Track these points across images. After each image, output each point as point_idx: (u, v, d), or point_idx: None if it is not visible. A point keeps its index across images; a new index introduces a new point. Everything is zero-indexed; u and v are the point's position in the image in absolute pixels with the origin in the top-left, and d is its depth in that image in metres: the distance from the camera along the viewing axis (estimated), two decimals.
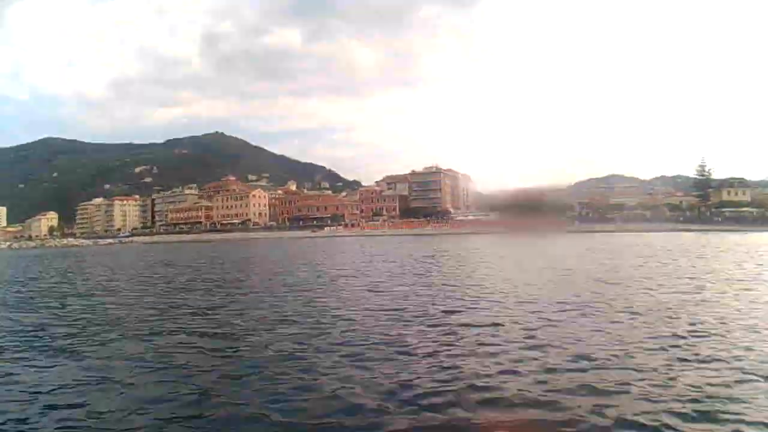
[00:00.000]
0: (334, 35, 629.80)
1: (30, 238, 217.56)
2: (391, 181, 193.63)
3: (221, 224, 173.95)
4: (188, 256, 54.19)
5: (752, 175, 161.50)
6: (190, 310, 15.70)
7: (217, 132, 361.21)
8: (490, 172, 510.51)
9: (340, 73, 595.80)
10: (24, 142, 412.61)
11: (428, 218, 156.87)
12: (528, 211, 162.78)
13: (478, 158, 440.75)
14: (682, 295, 15.89)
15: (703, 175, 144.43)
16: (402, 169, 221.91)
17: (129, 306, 16.85)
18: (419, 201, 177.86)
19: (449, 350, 9.93)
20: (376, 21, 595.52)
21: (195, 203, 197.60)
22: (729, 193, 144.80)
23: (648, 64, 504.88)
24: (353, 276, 24.92)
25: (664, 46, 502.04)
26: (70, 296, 20.31)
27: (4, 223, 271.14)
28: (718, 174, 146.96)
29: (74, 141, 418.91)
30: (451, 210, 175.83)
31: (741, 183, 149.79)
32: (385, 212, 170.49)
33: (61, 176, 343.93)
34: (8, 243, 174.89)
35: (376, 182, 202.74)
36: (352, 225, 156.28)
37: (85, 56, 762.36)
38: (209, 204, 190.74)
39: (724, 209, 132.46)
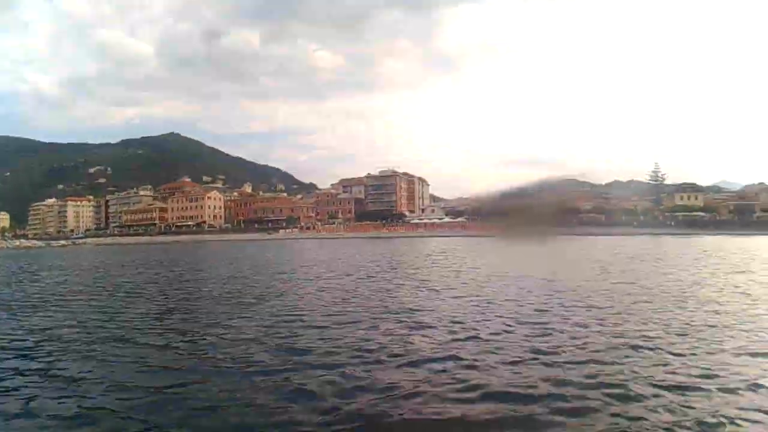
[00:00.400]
0: (293, 38, 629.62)
1: None
2: (347, 184, 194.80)
3: (176, 226, 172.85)
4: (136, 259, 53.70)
5: (704, 181, 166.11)
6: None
7: (173, 133, 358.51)
8: (447, 175, 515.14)
9: (299, 76, 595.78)
10: None
11: (384, 221, 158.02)
12: (488, 215, 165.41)
13: (435, 162, 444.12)
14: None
15: (656, 181, 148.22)
16: (358, 172, 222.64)
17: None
18: (375, 204, 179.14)
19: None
20: (336, 25, 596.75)
21: (149, 204, 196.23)
22: (682, 198, 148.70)
23: (605, 69, 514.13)
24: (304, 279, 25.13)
25: (619, 50, 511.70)
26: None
27: None
28: (671, 179, 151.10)
29: (28, 140, 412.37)
30: (407, 213, 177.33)
31: (693, 188, 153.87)
32: (340, 215, 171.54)
33: (13, 175, 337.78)
34: None
35: (332, 185, 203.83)
36: (308, 228, 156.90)
37: (42, 54, 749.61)
38: (164, 205, 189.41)
39: (677, 213, 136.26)
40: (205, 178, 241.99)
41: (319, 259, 42.36)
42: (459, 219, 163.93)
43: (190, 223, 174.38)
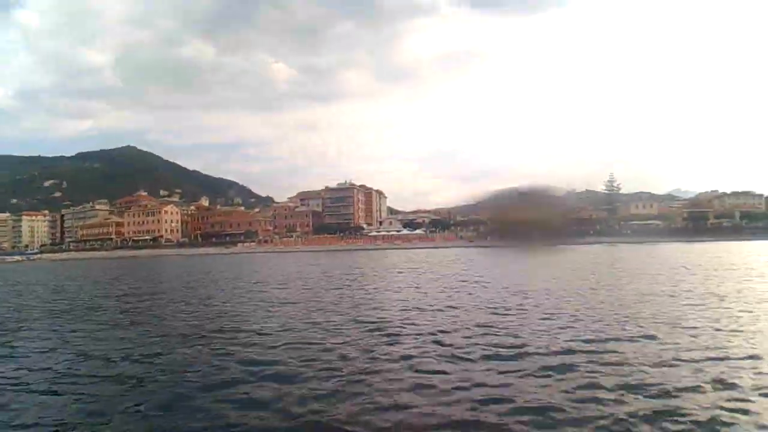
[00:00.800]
0: (249, 49, 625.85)
1: None
2: (305, 197, 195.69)
3: (132, 241, 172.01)
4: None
5: (659, 189, 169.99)
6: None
7: (128, 146, 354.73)
8: (403, 188, 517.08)
9: (255, 87, 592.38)
10: None
11: (342, 234, 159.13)
12: (442, 228, 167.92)
13: (391, 174, 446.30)
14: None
15: (611, 190, 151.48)
16: (315, 184, 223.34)
17: None
18: (332, 217, 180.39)
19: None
20: (291, 36, 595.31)
21: (105, 219, 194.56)
22: (637, 206, 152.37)
23: (559, 81, 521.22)
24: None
25: (573, 60, 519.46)
26: None
27: None
28: (626, 188, 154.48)
29: None
30: (365, 225, 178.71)
31: (649, 197, 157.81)
32: (298, 228, 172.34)
33: None
34: None
35: (290, 198, 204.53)
36: (266, 241, 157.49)
37: None
38: (120, 220, 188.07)
39: (632, 222, 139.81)
40: (161, 192, 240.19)
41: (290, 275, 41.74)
42: (417, 231, 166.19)
43: (146, 237, 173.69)
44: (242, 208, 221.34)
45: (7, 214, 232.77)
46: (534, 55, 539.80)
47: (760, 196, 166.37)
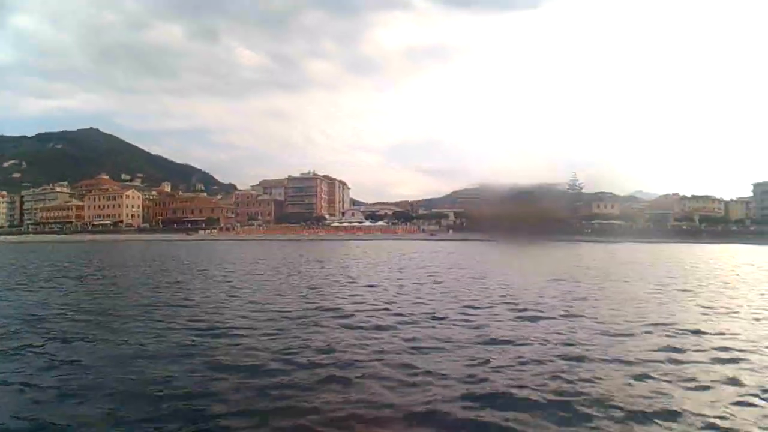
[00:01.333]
0: (217, 35, 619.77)
1: None
2: (268, 185, 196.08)
3: (93, 225, 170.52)
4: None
5: (621, 191, 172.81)
6: None
7: (92, 128, 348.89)
8: (366, 179, 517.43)
9: (222, 74, 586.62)
10: None
11: (304, 224, 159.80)
12: (404, 221, 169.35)
13: (355, 166, 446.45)
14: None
15: (574, 190, 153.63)
16: (279, 173, 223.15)
17: None
18: (295, 206, 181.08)
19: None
20: (260, 24, 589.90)
21: (66, 202, 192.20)
22: (599, 206, 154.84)
23: (523, 77, 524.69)
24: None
25: (537, 58, 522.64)
26: None
27: None
28: (588, 188, 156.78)
29: None
30: (327, 216, 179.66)
31: (611, 197, 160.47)
32: (260, 217, 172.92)
33: None
34: None
35: (252, 186, 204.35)
36: (228, 229, 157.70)
37: None
38: (81, 203, 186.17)
39: (593, 221, 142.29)
40: (123, 176, 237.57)
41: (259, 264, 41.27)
42: (379, 223, 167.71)
43: (107, 221, 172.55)
44: (205, 194, 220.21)
45: None
46: (503, 53, 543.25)
47: (720, 200, 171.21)
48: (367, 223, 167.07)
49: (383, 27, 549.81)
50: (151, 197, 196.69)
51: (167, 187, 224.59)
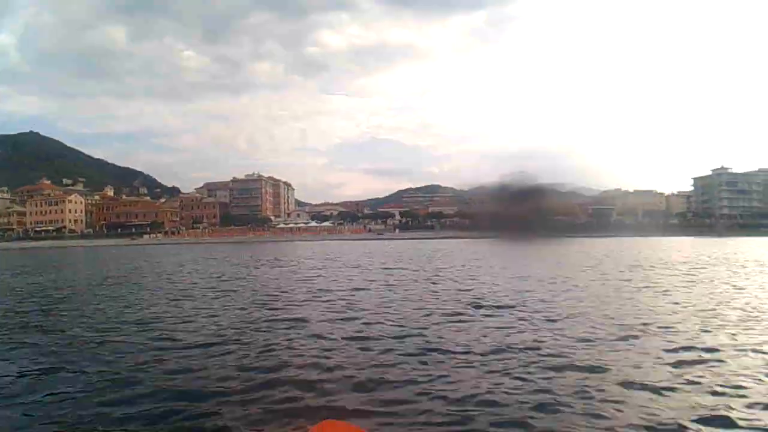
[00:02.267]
0: (160, 36, 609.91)
1: None
2: (212, 188, 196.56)
3: (35, 231, 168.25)
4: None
5: (562, 185, 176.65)
6: None
7: (31, 132, 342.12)
8: (311, 180, 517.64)
9: (165, 76, 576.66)
10: None
11: (249, 225, 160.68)
12: (351, 221, 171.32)
13: (300, 167, 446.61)
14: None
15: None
16: (224, 176, 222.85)
17: None
18: (240, 208, 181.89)
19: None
20: (204, 25, 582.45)
21: (7, 208, 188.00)
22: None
23: (463, 76, 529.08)
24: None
25: (476, 57, 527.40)
26: None
27: None
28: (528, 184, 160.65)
29: None
30: (273, 218, 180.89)
31: (552, 193, 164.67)
32: (205, 219, 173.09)
33: None
34: None
35: (197, 189, 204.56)
36: (173, 233, 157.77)
37: None
38: (22, 209, 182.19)
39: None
40: (65, 180, 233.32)
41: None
42: (325, 223, 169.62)
43: (50, 228, 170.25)
44: (148, 198, 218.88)
45: None
46: (445, 53, 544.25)
47: (661, 194, 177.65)
48: (314, 224, 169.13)
49: (329, 28, 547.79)
50: (93, 201, 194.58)
51: (110, 191, 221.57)
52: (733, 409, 7.02)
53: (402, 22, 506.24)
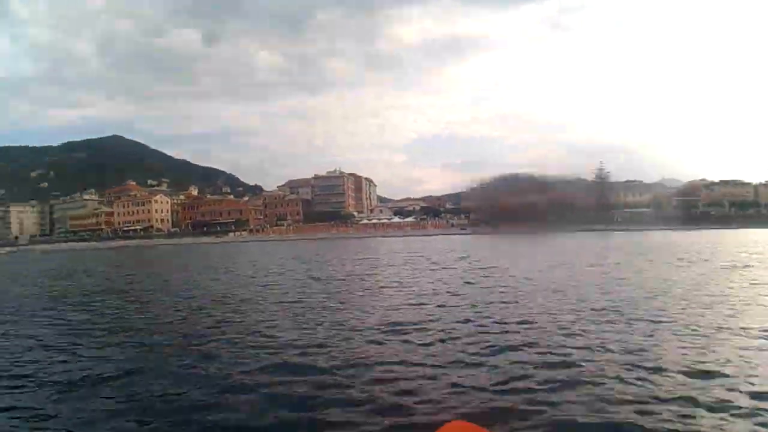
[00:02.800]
0: (235, 38, 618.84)
1: None
2: (294, 185, 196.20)
3: (123, 231, 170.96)
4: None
5: (647, 178, 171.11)
6: None
7: (115, 135, 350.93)
8: (391, 176, 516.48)
9: (240, 76, 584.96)
10: None
11: (332, 222, 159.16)
12: (432, 216, 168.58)
13: (380, 163, 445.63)
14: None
15: (601, 179, 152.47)
16: (304, 173, 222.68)
17: None
18: (323, 205, 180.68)
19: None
20: (277, 25, 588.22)
21: (95, 209, 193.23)
22: (626, 195, 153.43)
23: (548, 69, 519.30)
24: None
25: (560, 47, 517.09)
26: None
27: None
28: (615, 177, 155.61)
29: None
30: (355, 214, 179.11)
31: (639, 185, 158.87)
32: (289, 217, 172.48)
33: None
34: None
35: (279, 186, 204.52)
36: (257, 230, 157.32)
37: None
38: (110, 210, 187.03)
39: (624, 210, 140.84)
40: (150, 181, 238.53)
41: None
42: (408, 219, 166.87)
43: (137, 227, 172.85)
44: (231, 196, 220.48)
45: None
46: (520, 45, 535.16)
47: (749, 184, 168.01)
48: (396, 220, 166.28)
49: (401, 23, 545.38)
50: (178, 201, 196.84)
51: (194, 191, 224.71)
52: None
53: (474, 12, 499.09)
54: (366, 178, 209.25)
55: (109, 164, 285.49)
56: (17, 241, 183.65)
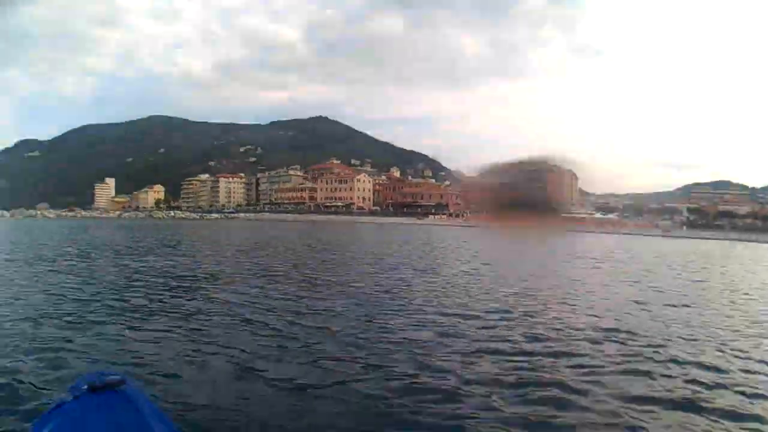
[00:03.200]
0: (436, 24, 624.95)
1: (137, 209, 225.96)
2: (495, 171, 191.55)
3: (324, 206, 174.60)
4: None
5: None
6: None
7: (320, 116, 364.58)
8: (593, 169, 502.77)
9: (442, 62, 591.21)
10: (133, 118, 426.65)
11: (533, 212, 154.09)
12: (635, 215, 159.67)
13: (581, 155, 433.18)
14: None
15: None
16: (505, 160, 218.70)
17: None
18: (523, 194, 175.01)
19: None
20: (479, 11, 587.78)
21: (300, 184, 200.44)
22: None
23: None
24: None
25: None
26: None
27: (113, 194, 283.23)
28: None
29: (181, 119, 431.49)
30: (556, 205, 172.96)
31: None
32: (488, 203, 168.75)
33: (167, 152, 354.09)
34: (118, 213, 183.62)
35: (480, 173, 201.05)
36: (457, 215, 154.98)
37: (192, 39, 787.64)
38: (314, 185, 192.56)
39: None
40: (353, 161, 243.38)
41: None
42: (610, 216, 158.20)
43: (339, 204, 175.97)
44: (432, 180, 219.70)
45: (207, 176, 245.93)
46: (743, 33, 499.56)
47: None
48: (598, 215, 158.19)
49: (602, 10, 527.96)
50: (380, 181, 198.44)
51: (396, 172, 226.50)
52: None
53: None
54: (568, 170, 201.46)
55: (313, 143, 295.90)
56: (224, 209, 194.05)
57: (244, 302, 13.60)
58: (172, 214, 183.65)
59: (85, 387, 3.06)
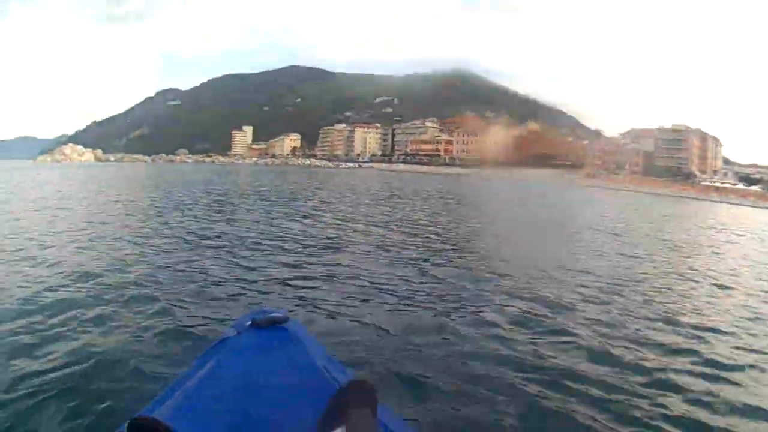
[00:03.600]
0: None
1: (273, 156, 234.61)
2: (636, 135, 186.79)
3: (460, 159, 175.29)
4: None
5: None
6: None
7: (457, 69, 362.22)
8: (741, 138, 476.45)
9: None
10: (271, 68, 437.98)
11: (673, 178, 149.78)
12: None
13: (726, 121, 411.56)
14: None
15: None
16: (647, 124, 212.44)
17: None
18: (664, 159, 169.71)
19: None
20: None
21: (435, 136, 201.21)
22: None
23: None
24: None
25: None
26: None
27: (251, 141, 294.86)
28: None
29: (318, 69, 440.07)
30: (697, 173, 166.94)
31: None
32: (627, 167, 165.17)
33: (304, 101, 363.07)
34: (254, 159, 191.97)
35: (620, 134, 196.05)
36: (593, 176, 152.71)
37: None
38: (449, 138, 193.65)
39: None
40: (488, 113, 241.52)
41: None
42: (753, 188, 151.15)
43: (474, 156, 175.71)
44: (570, 139, 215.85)
45: (343, 125, 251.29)
46: None
47: None
48: (741, 186, 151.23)
49: None
50: (517, 135, 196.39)
51: (535, 126, 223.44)
52: None
53: None
54: (713, 137, 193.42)
55: (449, 96, 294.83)
56: (359, 158, 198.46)
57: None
58: (308, 162, 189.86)
59: (249, 323, 3.28)
